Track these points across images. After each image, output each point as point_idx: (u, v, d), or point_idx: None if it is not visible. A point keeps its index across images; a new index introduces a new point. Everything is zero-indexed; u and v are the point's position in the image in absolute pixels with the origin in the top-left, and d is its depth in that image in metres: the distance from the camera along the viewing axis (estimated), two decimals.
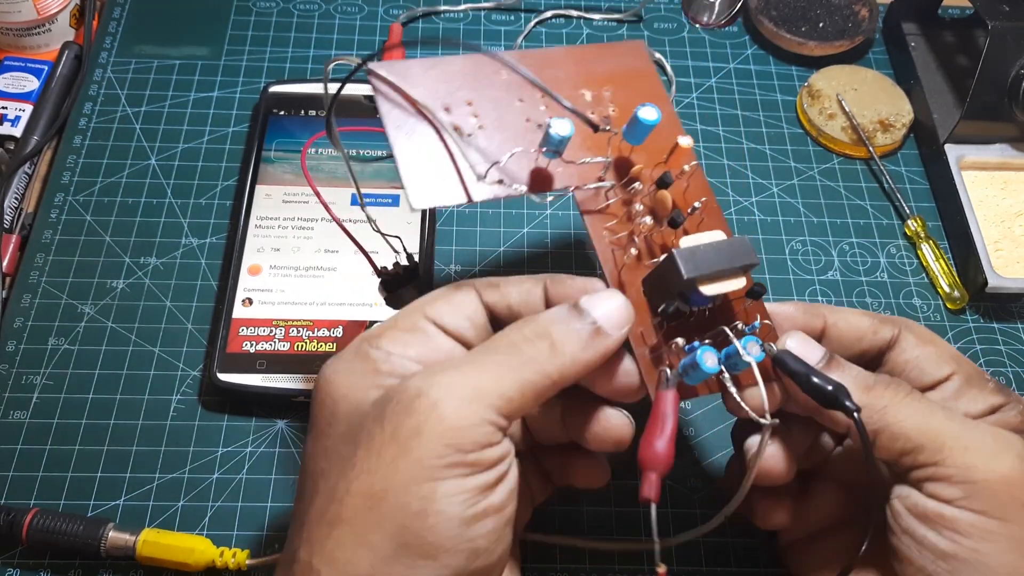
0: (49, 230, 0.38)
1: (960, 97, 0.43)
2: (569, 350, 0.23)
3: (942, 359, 0.26)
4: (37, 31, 0.43)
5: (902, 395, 0.24)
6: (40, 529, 0.30)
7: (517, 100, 0.27)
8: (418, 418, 0.21)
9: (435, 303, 0.25)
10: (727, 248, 0.25)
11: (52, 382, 0.34)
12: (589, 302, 0.24)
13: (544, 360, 0.23)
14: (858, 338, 0.27)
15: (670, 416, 0.24)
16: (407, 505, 0.21)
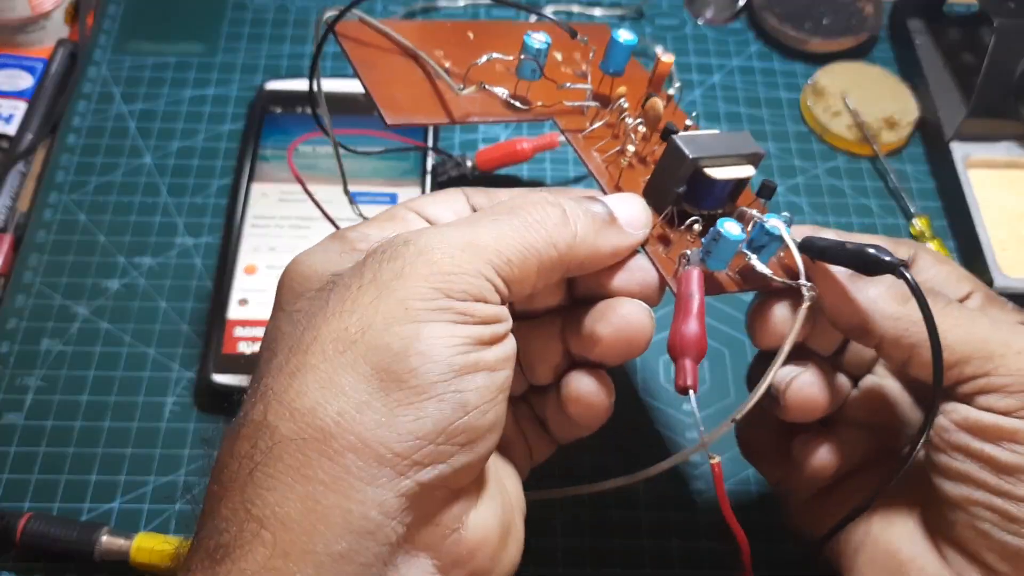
0: (43, 230, 0.38)
1: (966, 95, 0.42)
2: (581, 229, 0.21)
3: (960, 277, 0.25)
4: (31, 28, 0.43)
5: (941, 304, 0.22)
6: (34, 533, 0.29)
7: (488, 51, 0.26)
8: (403, 261, 0.19)
9: (420, 199, 0.24)
10: (728, 138, 0.23)
11: (46, 383, 0.34)
12: (608, 198, 0.23)
13: (553, 228, 0.21)
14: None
15: (695, 295, 0.22)
16: (387, 345, 0.18)
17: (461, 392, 0.19)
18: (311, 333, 0.19)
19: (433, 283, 0.19)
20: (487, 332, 0.20)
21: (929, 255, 0.25)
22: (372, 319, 0.19)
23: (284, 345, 0.20)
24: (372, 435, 0.18)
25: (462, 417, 0.19)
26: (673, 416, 0.35)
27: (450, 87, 0.25)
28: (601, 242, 0.22)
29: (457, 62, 0.26)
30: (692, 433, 0.34)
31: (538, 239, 0.21)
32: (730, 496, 0.31)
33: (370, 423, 0.18)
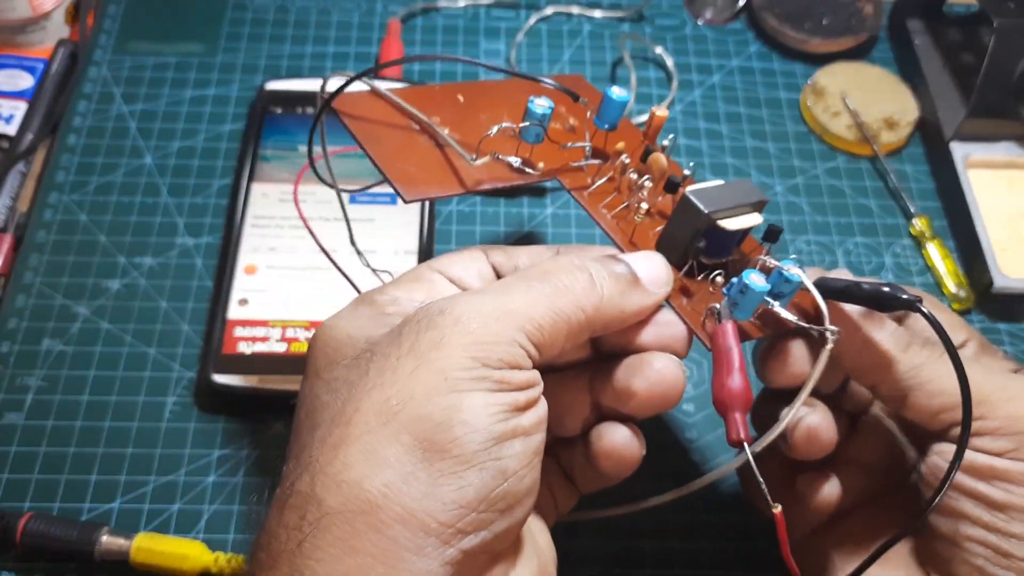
0: (44, 230, 0.38)
1: (966, 95, 0.42)
2: (608, 290, 0.22)
3: (957, 326, 0.26)
4: (32, 29, 0.43)
5: (938, 353, 0.23)
6: (34, 533, 0.29)
7: (480, 113, 0.27)
8: (441, 331, 0.20)
9: (441, 259, 0.24)
10: (734, 188, 0.24)
11: (47, 383, 0.34)
12: (628, 258, 0.23)
13: (581, 292, 0.22)
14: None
15: (734, 348, 0.23)
16: (429, 416, 0.19)
17: (501, 459, 0.19)
18: (352, 404, 0.20)
19: (471, 352, 0.20)
20: (522, 398, 0.20)
21: (928, 303, 0.26)
22: (413, 390, 0.19)
23: (326, 416, 0.20)
24: (418, 505, 0.19)
25: (502, 484, 0.19)
26: (673, 416, 0.35)
27: (461, 157, 0.25)
28: (626, 303, 0.23)
29: (454, 127, 0.27)
30: (690, 433, 0.34)
31: (567, 304, 0.21)
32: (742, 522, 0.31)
33: (416, 494, 0.19)
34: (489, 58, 0.45)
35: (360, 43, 0.45)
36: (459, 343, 0.20)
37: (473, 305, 0.21)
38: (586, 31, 0.46)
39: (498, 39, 0.45)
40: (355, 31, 0.45)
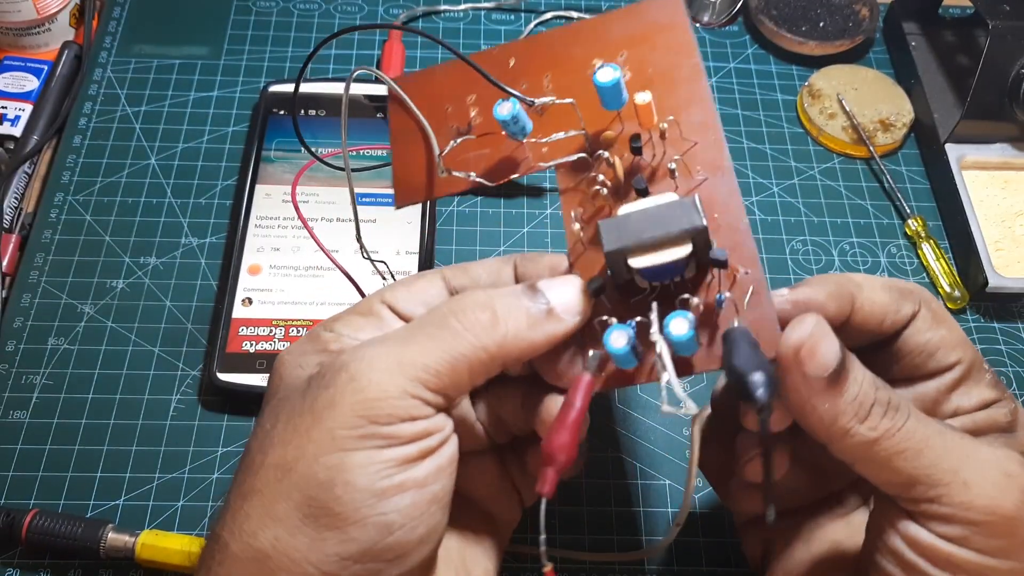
0: (49, 230, 0.38)
1: (961, 97, 0.43)
2: (513, 326, 0.22)
3: (952, 345, 0.25)
4: (37, 31, 0.43)
5: (900, 422, 0.21)
6: (39, 530, 0.30)
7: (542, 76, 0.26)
8: (335, 389, 0.21)
9: (395, 289, 0.24)
10: (663, 212, 0.22)
11: (52, 382, 0.34)
12: (545, 284, 0.23)
13: (481, 332, 0.22)
14: (880, 320, 0.25)
15: (575, 404, 0.21)
16: (314, 475, 0.20)
17: (385, 514, 0.20)
18: (261, 455, 0.22)
19: (359, 411, 0.21)
20: (414, 450, 0.21)
21: (930, 313, 0.25)
22: (305, 448, 0.21)
23: (245, 462, 0.22)
24: (303, 557, 0.20)
25: (387, 537, 0.20)
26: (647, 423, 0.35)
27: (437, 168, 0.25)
28: (535, 335, 0.22)
29: (486, 106, 0.26)
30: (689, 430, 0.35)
31: (466, 346, 0.22)
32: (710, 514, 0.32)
33: (301, 547, 0.20)
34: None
35: (362, 46, 0.45)
36: (349, 402, 0.21)
37: (368, 361, 0.21)
38: None
39: (498, 42, 0.46)
40: (357, 34, 0.46)
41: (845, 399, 0.21)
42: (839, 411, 0.21)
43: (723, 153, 0.24)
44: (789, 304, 0.24)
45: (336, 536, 0.20)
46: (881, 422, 0.21)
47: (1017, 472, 0.21)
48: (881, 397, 0.21)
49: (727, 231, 0.23)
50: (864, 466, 0.22)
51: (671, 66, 0.25)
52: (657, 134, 0.24)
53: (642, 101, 0.24)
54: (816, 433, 0.22)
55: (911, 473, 0.21)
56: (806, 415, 0.21)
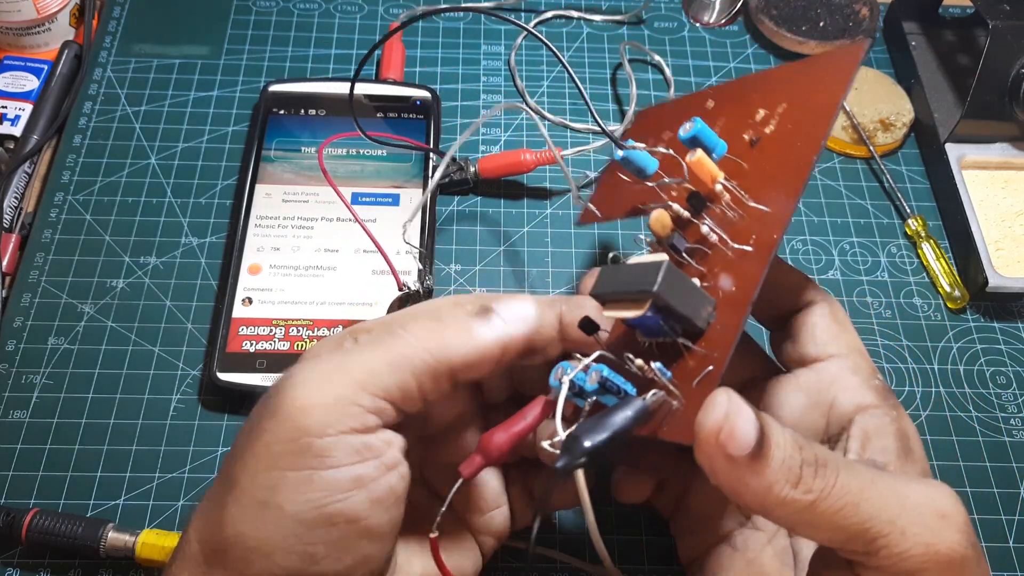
0: (49, 229, 0.38)
1: (961, 96, 0.43)
2: (456, 328, 0.22)
3: (837, 342, 0.25)
4: (37, 30, 0.43)
5: (832, 478, 0.20)
6: (39, 530, 0.30)
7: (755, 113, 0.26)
8: (278, 397, 0.21)
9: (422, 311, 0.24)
10: (640, 270, 0.21)
11: (52, 381, 0.34)
12: (499, 302, 0.23)
13: (424, 335, 0.21)
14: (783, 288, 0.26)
15: (526, 418, 0.22)
16: (252, 494, 0.20)
17: (311, 544, 0.20)
18: (221, 469, 0.22)
19: (294, 420, 0.20)
20: (348, 478, 0.20)
21: (830, 310, 0.25)
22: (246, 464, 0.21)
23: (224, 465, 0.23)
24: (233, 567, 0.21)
25: (312, 567, 0.21)
26: None
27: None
28: (478, 339, 0.22)
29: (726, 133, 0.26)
30: None
31: (407, 348, 0.21)
32: None
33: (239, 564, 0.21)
34: (489, 61, 0.45)
35: (362, 46, 0.45)
36: (286, 411, 0.20)
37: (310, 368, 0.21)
38: (585, 34, 0.47)
39: (498, 42, 0.46)
40: (357, 34, 0.46)
41: (773, 468, 0.20)
42: (770, 482, 0.20)
43: (776, 235, 0.22)
44: None
45: (262, 560, 0.20)
46: (815, 483, 0.20)
47: (950, 511, 0.20)
48: (807, 456, 0.20)
49: (726, 306, 0.22)
50: (805, 530, 0.21)
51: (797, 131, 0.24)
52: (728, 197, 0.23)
53: (691, 159, 0.23)
54: (752, 508, 0.21)
55: (851, 530, 0.20)
56: (739, 494, 0.20)
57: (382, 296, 0.36)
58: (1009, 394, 0.36)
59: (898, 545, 0.20)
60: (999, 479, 0.34)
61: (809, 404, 0.25)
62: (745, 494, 0.20)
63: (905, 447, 0.24)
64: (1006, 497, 0.34)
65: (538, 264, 0.39)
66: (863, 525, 0.20)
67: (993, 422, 0.36)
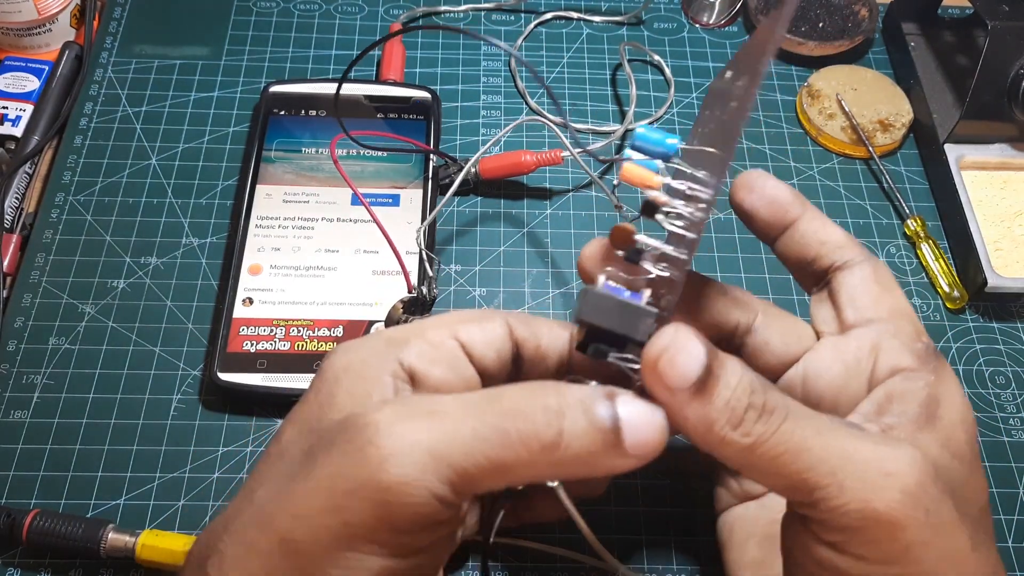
0: (50, 230, 0.38)
1: (960, 97, 0.43)
2: (576, 448, 0.19)
3: (879, 305, 0.24)
4: (38, 31, 0.43)
5: (774, 425, 0.20)
6: (40, 530, 0.30)
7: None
8: (359, 471, 0.18)
9: (467, 325, 0.22)
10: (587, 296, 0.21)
11: (53, 382, 0.34)
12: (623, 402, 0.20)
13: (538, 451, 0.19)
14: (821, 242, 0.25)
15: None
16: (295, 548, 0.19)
17: None
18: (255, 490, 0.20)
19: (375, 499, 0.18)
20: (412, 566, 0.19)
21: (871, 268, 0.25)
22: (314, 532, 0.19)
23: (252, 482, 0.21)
24: None
25: None
26: None
27: None
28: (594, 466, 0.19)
29: None
30: None
31: (513, 459, 0.19)
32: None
33: None
34: (489, 62, 0.45)
35: (362, 47, 0.45)
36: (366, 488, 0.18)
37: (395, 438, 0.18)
38: (585, 35, 0.47)
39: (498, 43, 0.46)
40: (357, 35, 0.46)
41: (715, 406, 0.20)
42: (711, 419, 0.20)
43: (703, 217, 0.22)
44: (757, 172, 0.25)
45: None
46: (755, 427, 0.20)
47: (899, 471, 0.20)
48: (755, 401, 0.20)
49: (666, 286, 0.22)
50: (749, 473, 0.21)
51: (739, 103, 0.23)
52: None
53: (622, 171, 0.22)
54: (695, 443, 0.21)
55: (791, 478, 0.20)
56: (680, 426, 0.20)
57: (382, 296, 0.36)
58: (1008, 394, 0.37)
59: (836, 498, 0.19)
60: (998, 479, 0.34)
61: (849, 373, 0.24)
62: (686, 427, 0.20)
63: (930, 414, 0.22)
64: (1005, 497, 0.34)
65: (538, 264, 0.39)
66: (801, 475, 0.20)
67: (992, 422, 0.36)
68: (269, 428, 0.34)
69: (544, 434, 0.19)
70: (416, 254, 0.37)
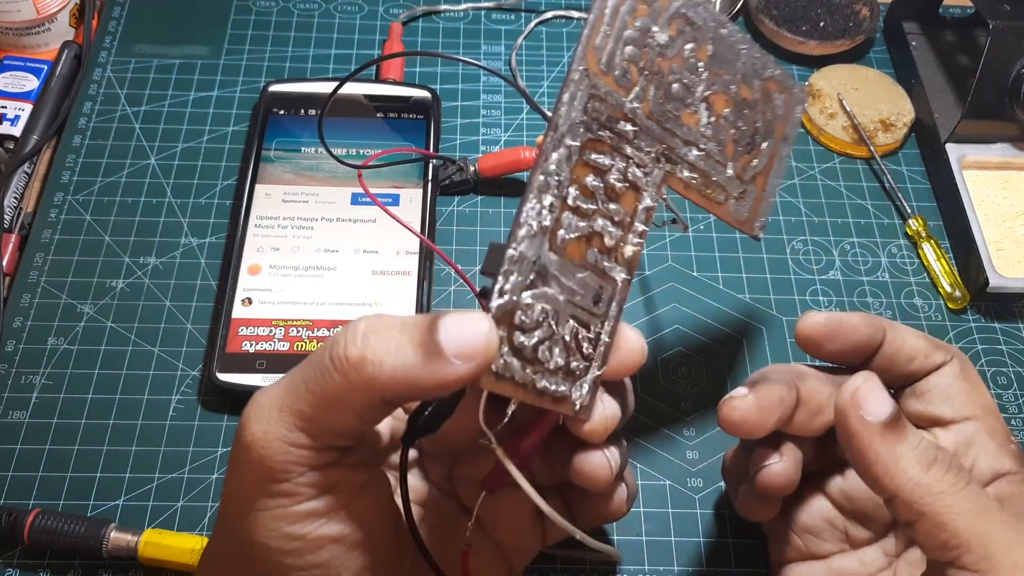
0: (48, 229, 0.38)
1: (961, 96, 0.43)
2: (389, 362, 0.19)
3: (973, 403, 0.25)
4: (37, 30, 0.43)
5: (962, 484, 0.21)
6: (42, 530, 0.29)
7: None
8: (240, 442, 0.21)
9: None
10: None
11: (51, 382, 0.34)
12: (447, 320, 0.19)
13: (350, 371, 0.19)
14: (910, 359, 0.26)
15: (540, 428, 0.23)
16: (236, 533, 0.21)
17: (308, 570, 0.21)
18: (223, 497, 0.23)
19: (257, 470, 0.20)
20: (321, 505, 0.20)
21: (960, 367, 0.26)
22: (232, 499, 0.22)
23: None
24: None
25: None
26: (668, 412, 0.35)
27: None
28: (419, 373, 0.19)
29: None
30: (689, 431, 0.35)
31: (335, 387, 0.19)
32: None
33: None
34: (489, 61, 0.45)
35: (362, 46, 0.45)
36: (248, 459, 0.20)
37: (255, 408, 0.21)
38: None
39: (498, 42, 0.46)
40: (357, 34, 0.46)
41: (906, 445, 0.21)
42: (899, 456, 0.21)
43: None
44: (823, 318, 0.25)
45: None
46: (946, 476, 0.21)
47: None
48: (943, 456, 0.22)
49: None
50: (922, 523, 0.21)
51: None
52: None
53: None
54: (880, 483, 0.22)
55: (964, 537, 0.21)
56: (869, 462, 0.21)
57: (382, 296, 0.36)
58: (1010, 395, 0.36)
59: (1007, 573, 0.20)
60: None
61: None
62: (875, 464, 0.21)
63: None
64: None
65: None
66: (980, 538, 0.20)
67: None
68: None
69: (352, 353, 0.19)
70: (416, 255, 0.37)
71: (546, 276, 0.21)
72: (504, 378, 0.20)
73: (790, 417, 0.25)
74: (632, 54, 0.22)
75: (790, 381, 0.25)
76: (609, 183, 0.22)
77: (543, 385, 0.21)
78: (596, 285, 0.22)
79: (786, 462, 0.25)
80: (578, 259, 0.21)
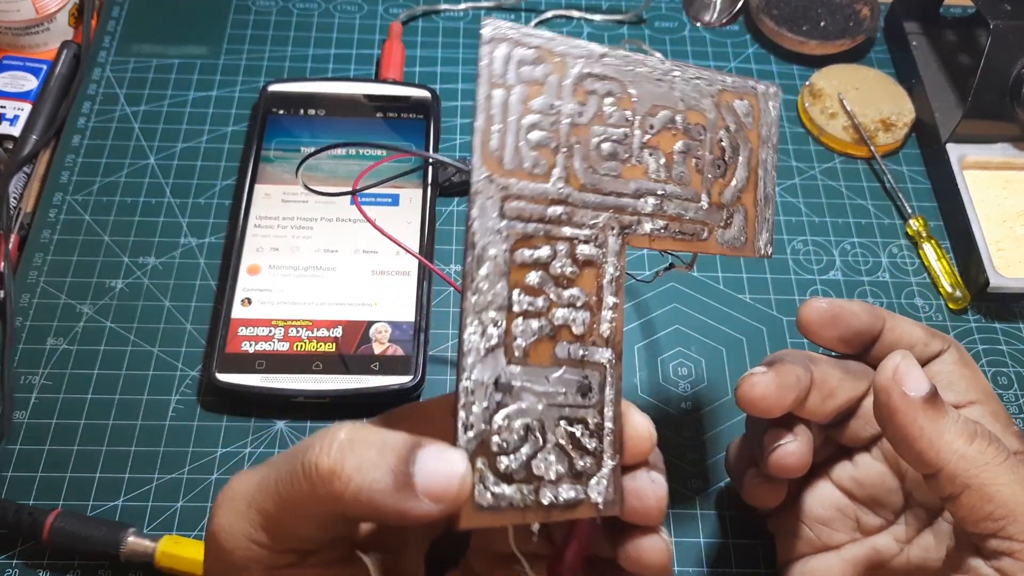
0: (48, 230, 0.38)
1: (962, 96, 0.43)
2: (357, 481, 0.18)
3: (975, 388, 0.26)
4: (36, 30, 0.43)
5: (1003, 456, 0.22)
6: (61, 531, 0.29)
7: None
8: (209, 527, 0.20)
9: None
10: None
11: (51, 382, 0.34)
12: (425, 454, 0.18)
13: (318, 482, 0.18)
14: (909, 347, 0.26)
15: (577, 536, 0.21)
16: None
17: None
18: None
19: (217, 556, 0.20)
20: None
21: (958, 354, 0.26)
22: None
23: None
24: None
25: None
26: (668, 413, 0.35)
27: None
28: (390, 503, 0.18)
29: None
30: (688, 432, 0.35)
31: (302, 496, 0.18)
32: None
33: None
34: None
35: (361, 46, 0.45)
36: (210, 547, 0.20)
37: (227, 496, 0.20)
38: (586, 33, 0.47)
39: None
40: (356, 33, 0.46)
41: (949, 419, 0.22)
42: (943, 430, 0.22)
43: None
44: (826, 304, 0.26)
45: None
46: (988, 448, 0.22)
47: None
48: (982, 430, 0.22)
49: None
50: (967, 496, 0.22)
51: None
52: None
53: None
54: (924, 457, 0.22)
55: (1009, 507, 0.21)
56: (912, 437, 0.22)
57: (382, 296, 0.36)
58: (1011, 395, 0.36)
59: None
60: None
61: None
62: (920, 439, 0.22)
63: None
64: None
65: None
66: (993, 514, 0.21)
67: None
68: (268, 429, 0.34)
69: (323, 463, 0.18)
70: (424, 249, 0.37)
71: (513, 391, 0.19)
72: (499, 508, 0.19)
73: (804, 398, 0.25)
74: (540, 139, 0.20)
75: (805, 363, 0.25)
76: (556, 272, 0.20)
77: (549, 499, 0.19)
78: (579, 377, 0.20)
79: (800, 442, 0.25)
80: (547, 360, 0.20)
